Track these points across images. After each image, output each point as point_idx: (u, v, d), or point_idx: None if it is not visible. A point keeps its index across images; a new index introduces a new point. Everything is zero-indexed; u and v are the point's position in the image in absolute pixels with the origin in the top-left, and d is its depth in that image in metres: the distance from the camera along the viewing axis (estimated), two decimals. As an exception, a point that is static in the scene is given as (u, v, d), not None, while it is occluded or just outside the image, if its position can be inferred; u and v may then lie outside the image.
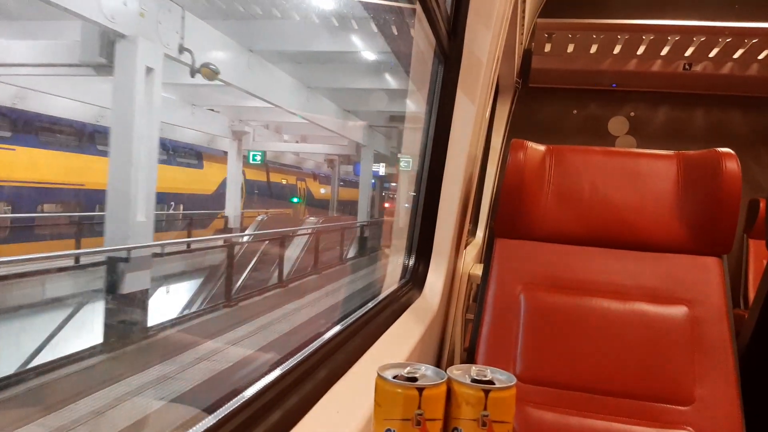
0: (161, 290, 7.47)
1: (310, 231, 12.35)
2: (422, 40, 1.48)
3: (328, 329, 0.94)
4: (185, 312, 6.79)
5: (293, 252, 11.33)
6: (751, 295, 3.01)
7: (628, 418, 1.17)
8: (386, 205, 20.54)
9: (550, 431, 1.17)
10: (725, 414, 1.15)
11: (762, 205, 3.09)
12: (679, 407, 1.16)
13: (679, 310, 1.24)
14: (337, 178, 19.60)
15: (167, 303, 7.18)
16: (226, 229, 13.16)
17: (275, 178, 18.98)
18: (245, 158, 14.33)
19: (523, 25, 2.72)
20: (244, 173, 16.40)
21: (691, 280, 1.28)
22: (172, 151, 13.38)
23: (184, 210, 13.56)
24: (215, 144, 15.10)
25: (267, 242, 11.17)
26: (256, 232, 12.75)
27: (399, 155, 14.79)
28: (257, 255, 10.51)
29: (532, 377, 1.23)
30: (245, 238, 12.23)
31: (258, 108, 11.65)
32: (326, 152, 17.65)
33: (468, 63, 1.47)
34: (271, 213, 16.16)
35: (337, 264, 12.14)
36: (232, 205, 13.47)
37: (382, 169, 17.15)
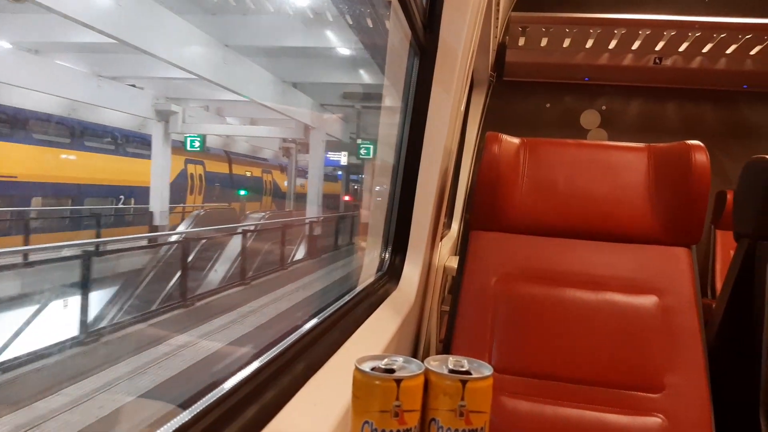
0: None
1: (250, 228, 10.75)
2: (398, 30, 1.48)
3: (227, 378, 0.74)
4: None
5: (218, 256, 9.55)
6: (719, 285, 3.09)
7: (601, 406, 1.18)
8: (347, 198, 19.21)
9: (526, 420, 1.19)
10: (694, 401, 1.18)
11: (729, 196, 3.17)
12: (650, 395, 1.18)
13: (649, 300, 1.26)
14: (295, 168, 17.73)
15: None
16: (150, 228, 11.12)
17: (239, 170, 17.81)
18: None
19: (497, 18, 2.74)
20: (203, 164, 15.14)
21: (661, 270, 1.30)
22: (121, 140, 11.88)
23: (135, 204, 11.97)
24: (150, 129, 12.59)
25: (187, 244, 9.14)
26: (160, 234, 10.71)
27: (359, 141, 13.31)
28: (164, 262, 8.55)
29: (507, 367, 1.24)
30: (153, 240, 10.03)
31: (191, 83, 9.52)
32: (270, 136, 15.23)
33: (443, 56, 1.47)
34: (213, 207, 14.61)
35: (274, 271, 10.00)
36: (159, 199, 11.24)
37: (344, 158, 15.37)
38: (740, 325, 1.35)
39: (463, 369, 0.64)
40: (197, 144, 12.51)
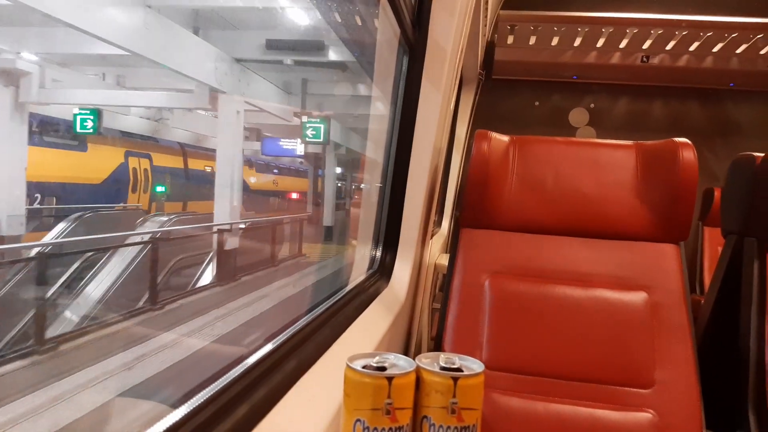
0: None
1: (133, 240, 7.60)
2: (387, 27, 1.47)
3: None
4: None
5: (51, 288, 6.15)
6: (706, 281, 3.12)
7: (592, 402, 1.19)
8: (295, 196, 16.07)
9: (517, 417, 1.19)
10: (684, 396, 1.18)
11: (717, 194, 3.20)
12: (640, 390, 1.19)
13: (639, 296, 1.26)
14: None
15: None
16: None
17: (196, 164, 15.34)
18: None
19: (486, 16, 2.74)
20: (150, 158, 12.96)
21: (650, 267, 1.31)
22: (37, 127, 9.39)
23: (58, 204, 9.55)
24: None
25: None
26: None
27: (304, 119, 9.93)
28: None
29: (498, 364, 1.24)
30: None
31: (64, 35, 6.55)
32: (158, 106, 11.10)
33: (432, 53, 1.47)
34: (109, 208, 10.96)
35: (135, 313, 6.41)
36: (5, 198, 7.73)
37: (300, 146, 12.34)
38: (728, 320, 1.37)
39: (455, 366, 0.64)
40: (89, 124, 9.33)
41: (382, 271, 1.52)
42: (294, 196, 16.54)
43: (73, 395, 4.05)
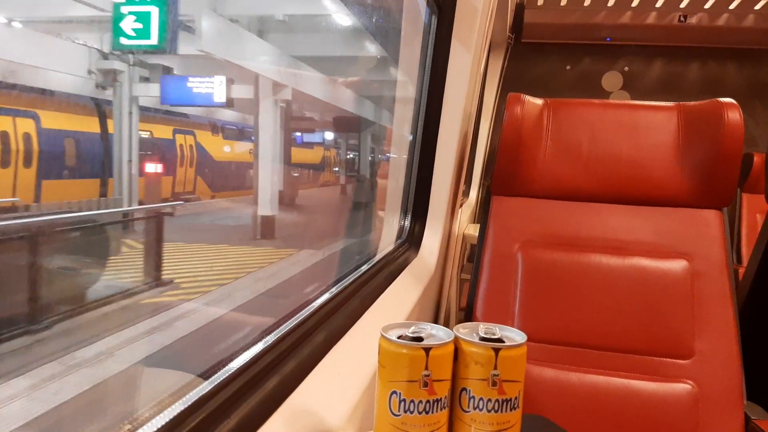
0: None
1: None
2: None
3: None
4: None
5: None
6: (744, 249, 3.03)
7: (628, 373, 1.16)
8: (156, 168, 10.09)
9: (551, 387, 1.16)
10: (724, 367, 1.15)
11: (757, 159, 3.09)
12: (679, 361, 1.16)
13: (678, 264, 1.22)
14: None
15: None
16: None
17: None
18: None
19: None
20: (37, 118, 8.52)
21: (691, 234, 1.26)
22: None
23: None
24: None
25: None
26: None
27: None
28: None
29: (531, 334, 1.20)
30: None
31: None
32: None
33: (462, 14, 1.41)
34: None
35: None
36: None
37: (219, 88, 8.07)
38: None
39: (495, 337, 0.61)
40: None
41: (411, 240, 1.49)
42: (155, 168, 10.40)
43: None
